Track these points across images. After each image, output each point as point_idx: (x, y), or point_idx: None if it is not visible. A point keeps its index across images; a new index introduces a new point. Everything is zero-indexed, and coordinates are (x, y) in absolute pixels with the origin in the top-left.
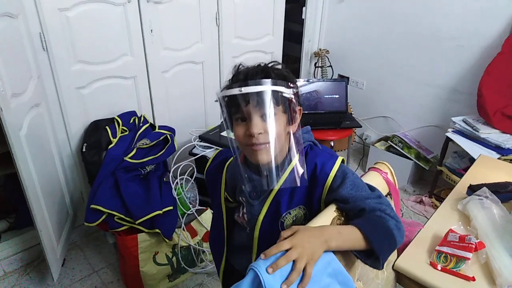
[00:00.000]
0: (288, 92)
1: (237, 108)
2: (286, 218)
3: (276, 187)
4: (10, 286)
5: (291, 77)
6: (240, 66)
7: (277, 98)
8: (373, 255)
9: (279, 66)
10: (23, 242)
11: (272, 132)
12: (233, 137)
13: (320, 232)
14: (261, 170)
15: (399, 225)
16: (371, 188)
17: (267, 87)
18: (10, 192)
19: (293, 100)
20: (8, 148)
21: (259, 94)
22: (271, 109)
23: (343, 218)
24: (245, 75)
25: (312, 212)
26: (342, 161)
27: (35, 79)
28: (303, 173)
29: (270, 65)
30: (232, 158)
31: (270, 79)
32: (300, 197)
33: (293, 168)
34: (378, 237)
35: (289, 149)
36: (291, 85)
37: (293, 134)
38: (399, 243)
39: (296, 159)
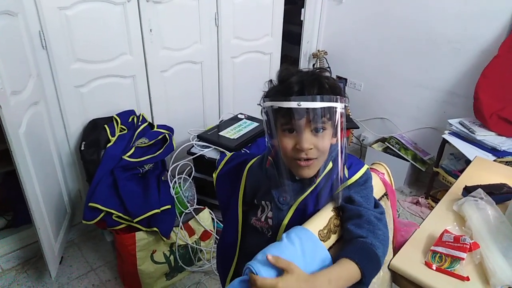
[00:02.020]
0: (341, 107)
1: (287, 120)
2: None
3: (310, 189)
4: (7, 284)
5: (340, 86)
6: (286, 70)
7: (332, 113)
8: (359, 284)
9: (328, 74)
10: (21, 239)
11: (322, 147)
12: (272, 145)
13: (309, 285)
14: (302, 180)
15: (385, 250)
16: (376, 205)
17: (326, 104)
18: (8, 189)
19: (343, 114)
20: (7, 145)
21: (316, 110)
22: (324, 124)
23: (339, 218)
24: (300, 86)
25: None
26: (369, 169)
27: (34, 77)
28: (340, 179)
29: (320, 72)
30: (253, 161)
31: (330, 96)
32: (325, 199)
33: (331, 177)
34: (371, 270)
35: (330, 158)
36: (344, 99)
37: (335, 145)
38: (382, 266)
39: (339, 167)
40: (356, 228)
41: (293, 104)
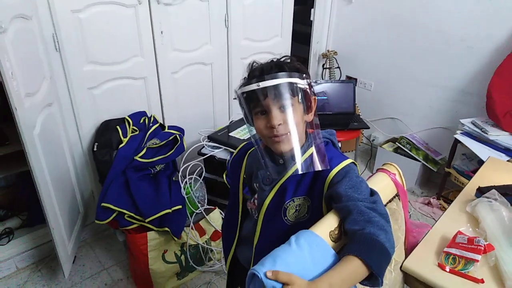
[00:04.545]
0: (302, 83)
1: (256, 103)
2: (289, 205)
3: (290, 171)
4: (22, 282)
5: (303, 68)
6: (254, 64)
7: (293, 89)
8: (371, 277)
9: (290, 60)
10: (35, 239)
11: (291, 122)
12: (253, 132)
13: None
14: (282, 157)
15: (389, 236)
16: (372, 193)
17: (282, 79)
18: (23, 190)
19: (308, 90)
20: (22, 146)
21: (276, 87)
22: (288, 100)
23: None
24: (260, 71)
25: (314, 206)
26: (353, 163)
27: (48, 79)
28: (323, 159)
29: (282, 59)
30: (253, 148)
31: (285, 72)
32: (305, 187)
33: (310, 155)
34: (376, 258)
35: (306, 137)
36: (305, 76)
37: (310, 122)
38: (392, 253)
39: (312, 146)
40: (352, 225)
41: (253, 86)
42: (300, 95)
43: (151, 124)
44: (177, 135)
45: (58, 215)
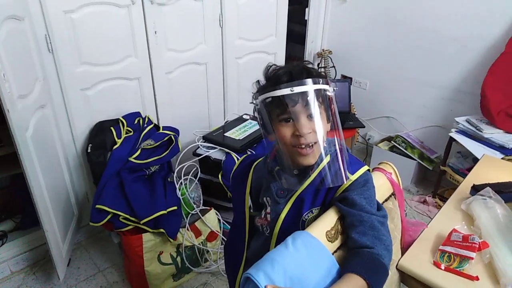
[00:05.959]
0: (331, 91)
1: (282, 109)
2: (308, 217)
3: (307, 181)
4: (16, 286)
5: (326, 75)
6: (273, 67)
7: (323, 97)
8: None
9: (312, 66)
10: (29, 242)
11: (319, 131)
12: (266, 138)
13: None
14: (302, 168)
15: (390, 257)
16: (379, 207)
17: (318, 86)
18: (16, 192)
19: (333, 99)
20: (14, 149)
21: (309, 94)
22: (318, 108)
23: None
24: (289, 76)
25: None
26: (369, 171)
27: (40, 80)
28: (344, 170)
29: (306, 64)
30: (260, 159)
31: (320, 79)
32: (322, 196)
33: (335, 167)
34: (379, 283)
35: (328, 151)
36: (332, 83)
37: (329, 131)
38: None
39: (335, 157)
40: (361, 236)
41: (286, 91)
42: (327, 103)
43: (145, 125)
44: (172, 136)
45: (52, 217)
